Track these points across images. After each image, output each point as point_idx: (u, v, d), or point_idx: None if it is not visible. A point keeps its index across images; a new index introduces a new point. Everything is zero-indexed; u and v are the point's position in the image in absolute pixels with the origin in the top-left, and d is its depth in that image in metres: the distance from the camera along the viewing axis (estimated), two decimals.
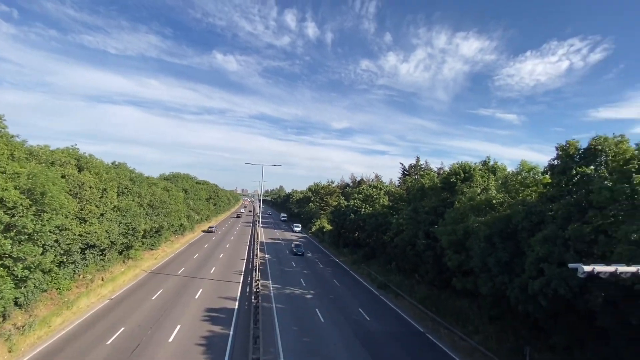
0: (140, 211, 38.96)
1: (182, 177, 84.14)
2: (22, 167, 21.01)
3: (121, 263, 37.73)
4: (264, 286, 34.40)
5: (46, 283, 22.76)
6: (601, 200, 16.06)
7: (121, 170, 41.48)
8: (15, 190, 18.92)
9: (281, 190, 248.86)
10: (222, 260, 47.19)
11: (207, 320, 24.38)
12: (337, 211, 65.19)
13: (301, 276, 40.35)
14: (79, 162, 31.64)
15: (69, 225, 24.60)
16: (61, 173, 26.81)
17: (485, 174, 33.00)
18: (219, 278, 36.75)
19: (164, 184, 58.15)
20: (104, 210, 31.28)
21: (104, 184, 32.06)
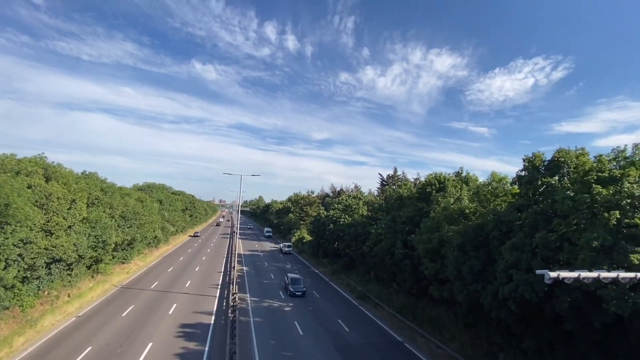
0: (112, 223, 37.35)
1: (157, 188, 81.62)
2: None
3: (89, 278, 35.80)
4: (242, 299, 33.65)
5: (8, 300, 21.26)
6: (565, 209, 17.14)
7: (92, 181, 39.81)
8: None
9: (260, 201, 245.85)
10: (198, 273, 45.78)
11: (181, 337, 23.48)
12: (317, 221, 65.22)
13: (280, 288, 39.80)
14: (47, 172, 30.14)
15: (34, 238, 23.25)
16: (27, 183, 25.46)
17: (458, 184, 34.32)
18: (194, 292, 35.59)
19: (138, 195, 56.14)
20: (72, 222, 29.80)
21: (72, 194, 30.63)
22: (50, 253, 26.14)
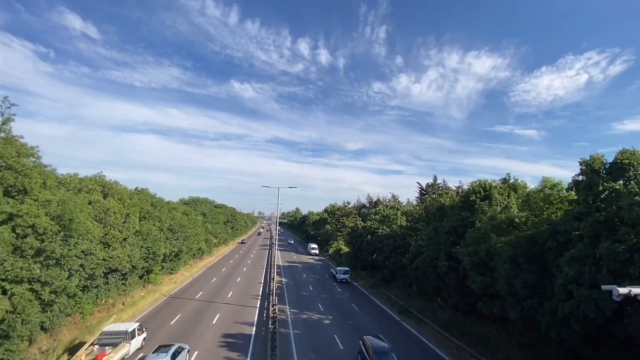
0: (161, 235, 39.82)
1: (201, 201, 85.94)
2: (53, 194, 22.16)
3: (141, 287, 38.23)
4: (281, 311, 33.83)
5: (70, 307, 23.30)
6: (633, 217, 15.26)
7: (143, 196, 42.92)
8: (46, 217, 19.90)
9: (297, 212, 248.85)
10: (239, 284, 46.99)
11: (224, 346, 24.05)
12: (354, 233, 64.36)
13: (319, 300, 39.49)
14: (105, 189, 33.06)
15: (94, 250, 25.41)
16: (88, 200, 28.06)
17: (505, 191, 32.09)
18: (236, 302, 36.48)
19: (184, 209, 59.51)
20: (127, 235, 32.20)
21: (127, 209, 33.19)
22: (108, 264, 28.37)
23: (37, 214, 19.37)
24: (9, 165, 19.71)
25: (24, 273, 18.21)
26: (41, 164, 23.53)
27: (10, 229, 18.62)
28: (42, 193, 21.10)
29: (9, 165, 19.70)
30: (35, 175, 20.86)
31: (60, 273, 20.40)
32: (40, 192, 20.93)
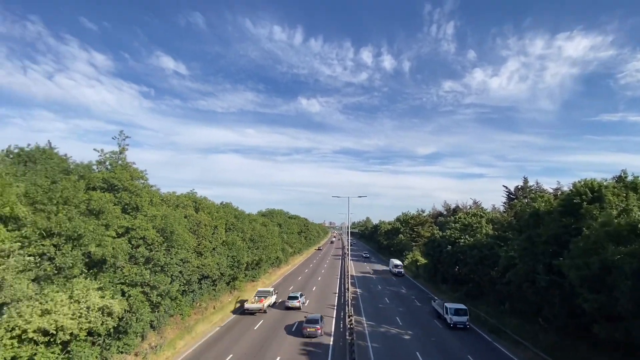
0: (243, 245, 43.08)
1: (277, 213, 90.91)
2: (157, 210, 25.82)
3: (228, 293, 41.66)
4: (358, 322, 33.23)
5: (173, 309, 26.50)
6: None
7: (228, 209, 47.18)
8: (153, 230, 23.22)
9: (368, 222, 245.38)
10: (315, 293, 47.85)
11: (304, 354, 24.52)
12: (431, 243, 60.42)
13: (396, 314, 37.78)
14: (196, 204, 37.29)
15: (190, 258, 28.65)
16: (184, 214, 31.93)
17: (621, 191, 26.63)
18: (313, 311, 37.12)
19: (262, 220, 63.64)
20: (215, 245, 35.62)
21: (215, 222, 36.83)
22: (201, 271, 31.66)
23: (146, 227, 22.72)
24: (125, 187, 23.64)
25: (138, 278, 21.40)
26: (148, 185, 27.70)
27: (127, 240, 22.18)
28: (150, 209, 24.74)
29: (125, 187, 23.64)
30: (144, 194, 24.60)
31: (165, 278, 23.44)
32: (148, 208, 24.56)
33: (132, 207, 23.80)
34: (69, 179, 20.71)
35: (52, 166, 24.09)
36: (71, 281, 17.71)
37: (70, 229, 17.58)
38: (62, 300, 16.29)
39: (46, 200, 18.17)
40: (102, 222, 20.36)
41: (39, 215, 17.35)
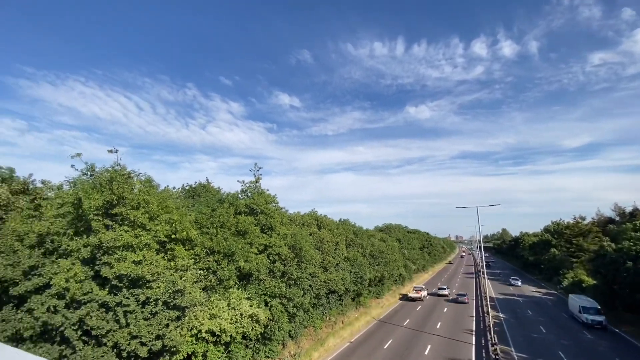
0: (364, 261, 43.39)
1: (394, 228, 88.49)
2: (287, 229, 28.83)
3: (354, 309, 42.27)
4: (505, 353, 28.36)
5: (306, 320, 28.56)
6: None
7: (346, 226, 48.75)
8: (285, 247, 25.95)
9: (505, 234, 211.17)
10: (446, 315, 43.60)
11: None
12: (601, 258, 47.23)
13: (559, 348, 30.55)
14: (318, 222, 39.95)
15: (317, 273, 30.61)
16: (309, 232, 34.62)
17: None
18: (447, 335, 33.76)
19: (380, 235, 63.00)
20: (338, 260, 37.07)
21: (336, 238, 38.53)
22: (328, 285, 33.30)
23: (280, 245, 25.60)
24: (262, 210, 27.37)
25: (276, 290, 24.06)
26: (279, 207, 31.33)
27: (266, 256, 25.41)
28: (281, 229, 27.85)
29: (262, 210, 27.40)
30: (276, 216, 27.90)
31: (298, 291, 25.63)
32: (280, 228, 27.69)
33: (268, 227, 27.29)
34: (223, 206, 25.43)
35: (210, 197, 30.17)
36: (228, 291, 21.33)
37: (226, 247, 21.39)
38: (223, 307, 19.71)
39: (209, 224, 22.72)
40: (248, 241, 24.00)
41: (205, 237, 21.79)
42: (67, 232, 15.77)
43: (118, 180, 16.78)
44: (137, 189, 18.19)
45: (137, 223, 16.57)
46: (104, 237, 15.17)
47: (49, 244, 15.62)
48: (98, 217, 15.88)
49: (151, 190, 19.16)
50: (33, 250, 15.38)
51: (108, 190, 16.35)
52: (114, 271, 14.91)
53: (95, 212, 15.81)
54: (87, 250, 15.27)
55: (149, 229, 17.08)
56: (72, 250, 15.19)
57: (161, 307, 16.22)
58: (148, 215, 17.25)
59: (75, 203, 16.25)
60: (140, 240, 16.22)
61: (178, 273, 17.59)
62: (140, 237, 16.31)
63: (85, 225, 16.30)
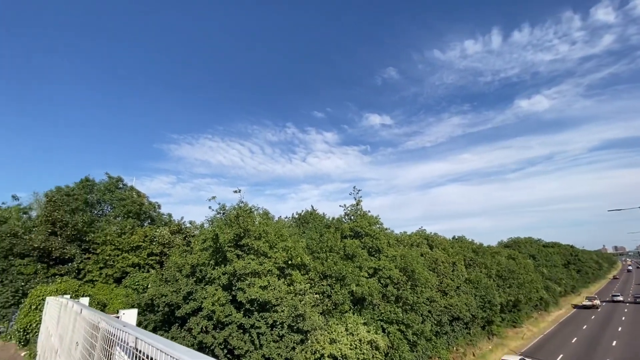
0: (491, 283, 37.99)
1: (524, 242, 75.45)
2: (395, 251, 27.89)
3: (486, 339, 36.84)
4: None
5: (430, 350, 26.26)
6: None
7: (462, 243, 44.12)
8: (396, 270, 25.03)
9: None
10: (615, 350, 33.70)
11: None
12: None
13: None
14: (428, 241, 37.37)
15: (435, 297, 28.24)
16: (420, 252, 32.67)
17: None
18: None
19: (507, 252, 54.52)
20: (458, 283, 33.49)
21: (451, 257, 35.17)
22: (449, 311, 30.21)
23: (390, 267, 24.86)
24: (367, 233, 27.37)
25: (393, 316, 23.11)
26: (384, 228, 30.83)
27: (377, 280, 24.94)
28: (389, 250, 27.13)
29: (366, 232, 27.40)
30: (382, 237, 27.44)
31: (416, 317, 24.03)
32: (388, 249, 27.02)
33: (375, 250, 26.96)
34: (329, 231, 26.52)
35: (317, 223, 31.90)
36: (344, 315, 21.56)
37: (336, 271, 21.98)
38: (342, 332, 19.94)
39: (319, 249, 23.91)
40: (356, 265, 24.15)
41: (317, 262, 22.93)
42: (210, 263, 18.91)
43: (243, 215, 19.48)
44: (257, 221, 20.72)
45: (260, 251, 18.71)
46: (236, 265, 17.59)
47: (198, 273, 18.98)
48: (231, 249, 18.60)
49: (268, 222, 21.53)
50: (189, 279, 18.91)
51: (236, 225, 19.11)
52: (246, 296, 16.97)
53: (228, 244, 18.60)
54: (225, 277, 17.91)
55: (269, 256, 19.05)
56: (215, 278, 18.04)
57: (286, 330, 17.48)
58: (268, 244, 19.32)
59: (214, 238, 19.49)
60: (264, 267, 18.17)
61: (297, 297, 18.82)
62: (263, 264, 18.29)
63: (222, 256, 19.27)
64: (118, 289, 25.49)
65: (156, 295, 18.63)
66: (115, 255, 27.18)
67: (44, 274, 25.46)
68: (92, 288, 25.07)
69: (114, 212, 32.80)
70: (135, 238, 28.16)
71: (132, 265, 27.35)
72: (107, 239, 27.50)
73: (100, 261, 26.90)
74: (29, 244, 25.19)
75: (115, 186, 34.79)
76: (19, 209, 32.67)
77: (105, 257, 26.92)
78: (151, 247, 28.44)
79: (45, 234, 26.00)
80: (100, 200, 33.64)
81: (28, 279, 24.99)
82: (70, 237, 26.97)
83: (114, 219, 31.50)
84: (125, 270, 27.07)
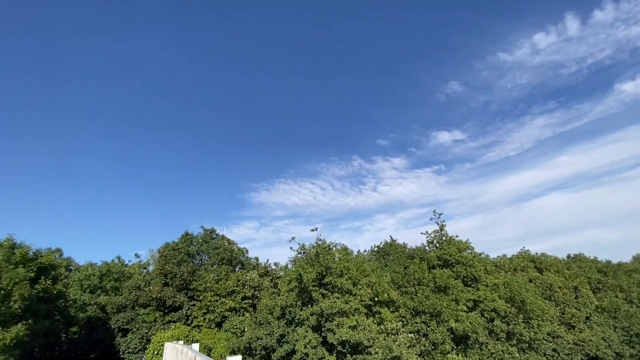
0: (634, 310, 30.21)
1: None
2: (496, 278, 24.52)
3: None
4: None
5: None
6: None
7: (582, 262, 36.79)
8: (501, 300, 21.83)
9: None
10: None
11: None
12: None
13: None
14: (535, 264, 32.07)
15: (559, 331, 23.53)
16: (527, 277, 28.14)
17: None
18: None
19: None
20: (587, 312, 27.50)
21: (570, 281, 29.38)
22: (582, 349, 24.66)
23: (492, 298, 21.82)
24: (457, 260, 24.85)
25: (507, 356, 19.80)
26: (476, 254, 27.67)
27: (479, 313, 21.98)
28: (488, 278, 24.00)
29: (457, 260, 24.89)
30: (477, 264, 24.57)
31: (538, 357, 20.16)
32: (486, 277, 23.94)
33: (471, 279, 24.12)
34: (414, 262, 24.87)
35: (399, 254, 30.28)
36: (446, 357, 19.25)
37: (429, 306, 20.14)
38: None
39: (405, 283, 22.43)
40: (452, 297, 21.82)
41: (405, 297, 21.43)
42: (298, 304, 19.21)
43: (322, 253, 19.68)
44: (337, 257, 20.65)
45: (344, 289, 18.37)
46: (322, 305, 17.51)
47: (288, 314, 19.38)
48: (315, 288, 18.70)
49: (348, 257, 21.24)
50: (280, 321, 19.41)
51: (317, 263, 19.32)
52: (336, 337, 16.56)
53: (312, 284, 18.77)
54: (313, 318, 17.89)
55: (354, 293, 18.53)
56: (304, 319, 18.15)
57: None
58: (351, 280, 18.91)
59: (298, 278, 19.93)
60: (350, 305, 17.68)
61: (390, 337, 17.62)
62: (349, 303, 17.82)
63: (308, 296, 19.45)
64: (220, 333, 27.41)
65: (252, 338, 19.47)
66: (215, 300, 29.64)
67: (161, 321, 28.95)
68: (198, 333, 27.48)
69: (210, 261, 36.42)
70: (230, 283, 30.48)
71: (230, 309, 29.38)
72: (207, 286, 30.33)
73: (203, 307, 29.58)
74: (149, 295, 29.22)
75: (210, 237, 38.93)
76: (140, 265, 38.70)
77: (207, 303, 29.55)
78: (244, 290, 30.35)
79: (160, 285, 29.97)
80: (199, 251, 37.85)
81: (150, 326, 28.67)
82: (178, 286, 30.55)
83: (211, 267, 34.87)
84: (224, 315, 29.15)
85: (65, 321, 30.26)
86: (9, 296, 20.43)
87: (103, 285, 38.94)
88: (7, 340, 19.13)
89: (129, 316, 29.40)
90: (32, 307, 22.94)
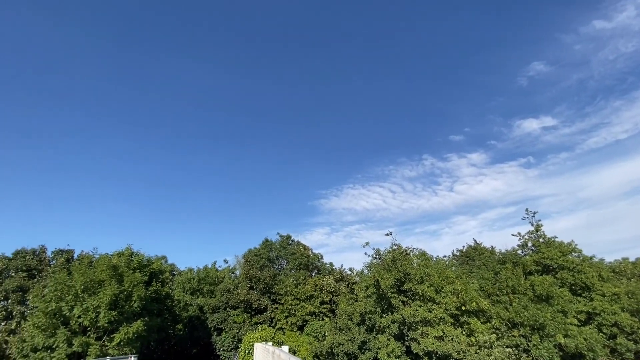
0: None
1: None
2: (615, 286, 20.50)
3: None
4: None
5: None
6: None
7: None
8: (625, 313, 18.15)
9: None
10: None
11: None
12: None
13: None
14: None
15: None
16: None
17: None
18: None
19: None
20: None
21: None
22: None
23: (613, 310, 18.29)
24: (561, 265, 21.50)
25: None
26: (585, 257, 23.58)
27: (595, 328, 18.58)
28: (604, 286, 20.20)
29: (560, 265, 21.55)
30: (588, 269, 20.91)
31: None
32: (602, 285, 20.19)
33: (581, 287, 20.61)
34: (506, 268, 22.29)
35: (485, 260, 27.49)
36: None
37: (529, 318, 17.76)
38: None
39: (497, 291, 20.21)
40: (557, 308, 18.92)
41: (498, 306, 19.29)
42: (377, 310, 18.80)
43: (399, 258, 18.97)
44: (415, 263, 19.67)
45: (425, 297, 17.36)
46: (404, 313, 16.81)
47: (368, 321, 19.10)
48: (394, 294, 18.08)
49: (428, 263, 20.05)
50: (360, 327, 19.23)
51: (394, 269, 18.68)
52: (421, 347, 15.70)
53: (391, 290, 18.19)
54: (395, 326, 17.29)
55: (438, 302, 17.36)
56: (384, 327, 17.67)
57: None
58: (433, 287, 17.78)
59: (375, 284, 19.53)
60: (434, 314, 16.62)
61: (483, 351, 16.00)
62: (433, 311, 16.76)
63: (387, 302, 18.90)
64: (302, 337, 28.36)
65: (334, 344, 19.65)
66: (295, 304, 30.84)
67: (249, 322, 31.23)
68: (283, 335, 28.86)
69: (289, 265, 38.12)
70: (308, 288, 31.41)
71: (309, 313, 30.22)
72: (287, 290, 31.75)
73: (285, 310, 31.01)
74: (237, 297, 31.84)
75: (287, 242, 40.81)
76: (229, 270, 42.50)
77: (288, 307, 30.92)
78: (321, 295, 30.95)
79: (246, 288, 32.42)
80: (278, 256, 39.95)
81: (240, 326, 31.14)
82: (262, 290, 32.62)
83: (290, 272, 36.46)
84: (305, 319, 30.09)
85: (172, 319, 34.77)
86: (130, 297, 24.31)
87: (201, 287, 43.75)
88: (130, 334, 22.72)
89: (222, 317, 32.39)
90: (147, 306, 26.89)
